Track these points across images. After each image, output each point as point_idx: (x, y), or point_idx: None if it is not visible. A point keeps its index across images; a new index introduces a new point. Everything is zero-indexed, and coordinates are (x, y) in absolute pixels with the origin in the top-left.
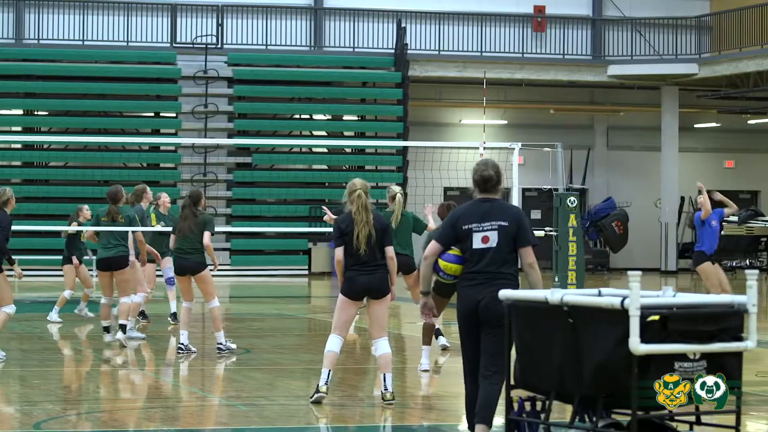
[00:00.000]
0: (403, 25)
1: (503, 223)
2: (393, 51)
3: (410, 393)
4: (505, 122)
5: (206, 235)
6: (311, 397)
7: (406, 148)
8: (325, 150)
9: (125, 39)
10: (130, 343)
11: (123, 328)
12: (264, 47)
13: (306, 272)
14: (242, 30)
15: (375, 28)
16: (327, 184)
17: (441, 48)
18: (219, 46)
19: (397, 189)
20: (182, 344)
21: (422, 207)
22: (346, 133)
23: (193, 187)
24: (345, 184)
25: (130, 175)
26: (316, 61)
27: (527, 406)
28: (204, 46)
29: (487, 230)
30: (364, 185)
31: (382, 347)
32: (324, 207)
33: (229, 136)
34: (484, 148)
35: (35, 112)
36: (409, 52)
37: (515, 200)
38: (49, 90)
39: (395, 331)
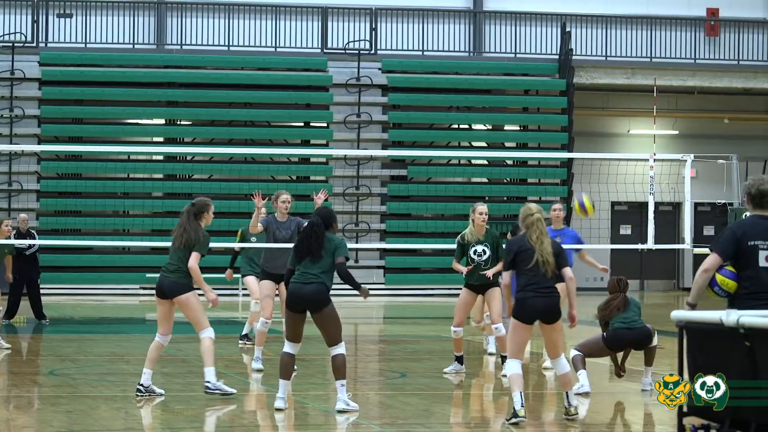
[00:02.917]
0: (567, 29)
1: None
2: (557, 57)
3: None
4: (677, 132)
5: (194, 256)
6: (509, 419)
7: (571, 159)
8: (485, 162)
9: (273, 45)
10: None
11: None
12: (420, 53)
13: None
14: (397, 35)
15: (538, 32)
16: (487, 198)
17: (608, 53)
18: (372, 51)
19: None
20: (142, 385)
21: (588, 222)
22: (507, 144)
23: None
24: (506, 199)
25: (279, 188)
26: (475, 68)
27: None
28: (357, 51)
29: None
30: (540, 210)
31: (562, 366)
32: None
33: (384, 147)
34: (655, 159)
35: (178, 122)
36: (574, 57)
37: (687, 215)
38: (193, 98)
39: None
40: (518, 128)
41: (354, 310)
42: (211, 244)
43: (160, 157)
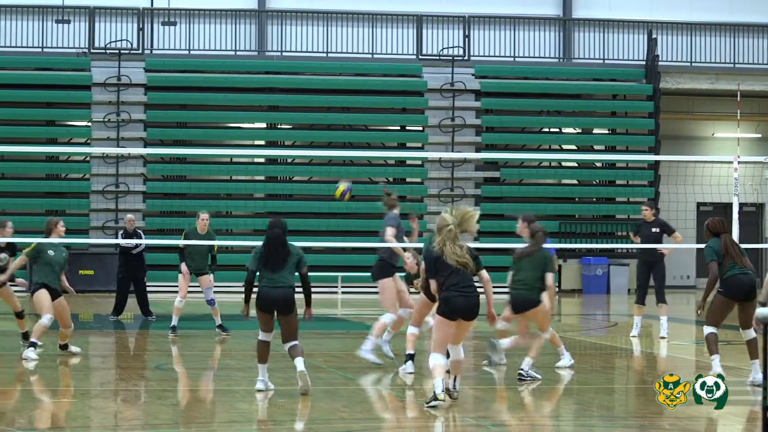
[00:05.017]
0: (654, 36)
1: None
2: (644, 63)
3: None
4: (759, 135)
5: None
6: (428, 403)
7: (658, 162)
8: (575, 164)
9: (370, 51)
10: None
11: None
12: (512, 59)
13: (556, 289)
14: (489, 41)
15: (625, 39)
16: (577, 199)
17: (693, 59)
18: (466, 58)
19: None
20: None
21: (674, 222)
22: (596, 147)
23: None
24: (595, 200)
25: (377, 189)
26: (565, 73)
27: None
28: (450, 58)
29: None
30: (455, 223)
31: (458, 353)
32: None
33: (477, 150)
34: (739, 162)
35: (279, 126)
36: (660, 63)
37: None
38: (293, 103)
39: (647, 350)
40: (607, 132)
41: None
42: (311, 244)
43: (262, 160)
